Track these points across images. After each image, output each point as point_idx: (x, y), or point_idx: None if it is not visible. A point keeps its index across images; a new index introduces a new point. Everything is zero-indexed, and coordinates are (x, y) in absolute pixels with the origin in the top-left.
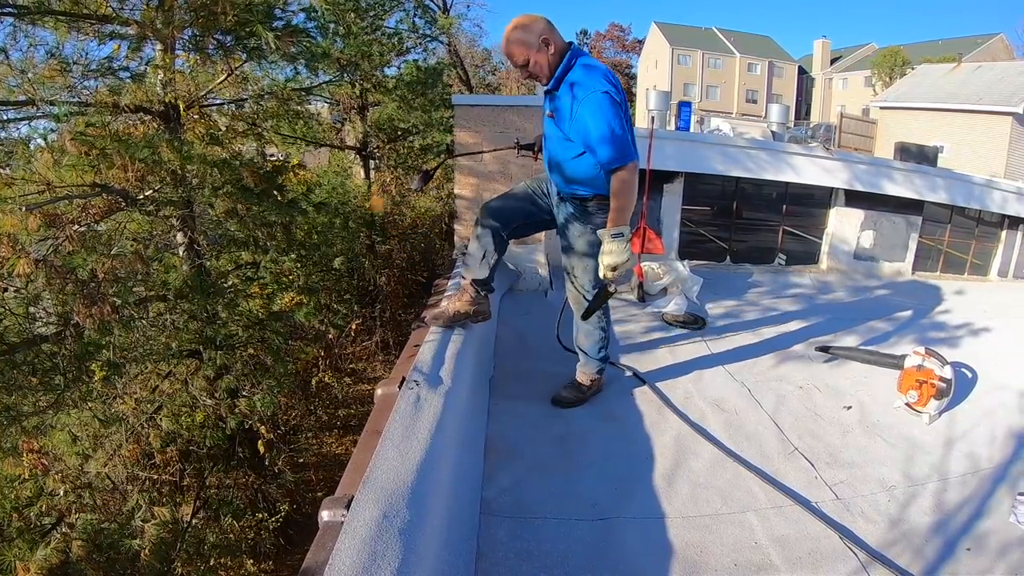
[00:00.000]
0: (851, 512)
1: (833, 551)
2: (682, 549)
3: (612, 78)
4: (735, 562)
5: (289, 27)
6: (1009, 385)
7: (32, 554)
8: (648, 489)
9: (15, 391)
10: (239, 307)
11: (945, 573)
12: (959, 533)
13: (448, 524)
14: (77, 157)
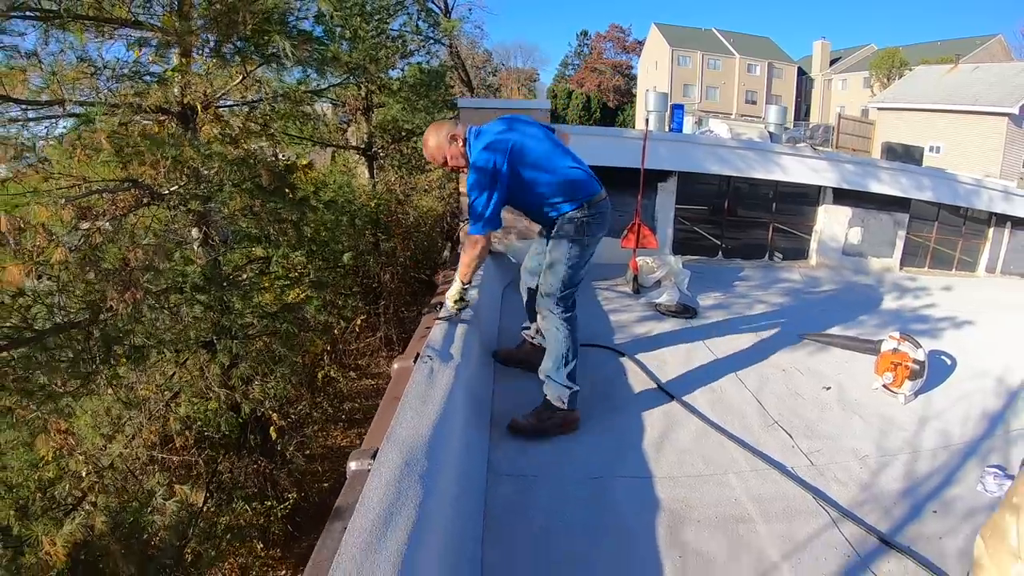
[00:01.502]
0: (824, 477)
1: (806, 508)
2: (668, 504)
3: (491, 141)
4: (716, 515)
5: (304, 34)
6: (988, 372)
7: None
8: (638, 454)
9: (48, 373)
10: (253, 299)
11: (911, 531)
12: (927, 498)
13: (459, 477)
14: (112, 153)
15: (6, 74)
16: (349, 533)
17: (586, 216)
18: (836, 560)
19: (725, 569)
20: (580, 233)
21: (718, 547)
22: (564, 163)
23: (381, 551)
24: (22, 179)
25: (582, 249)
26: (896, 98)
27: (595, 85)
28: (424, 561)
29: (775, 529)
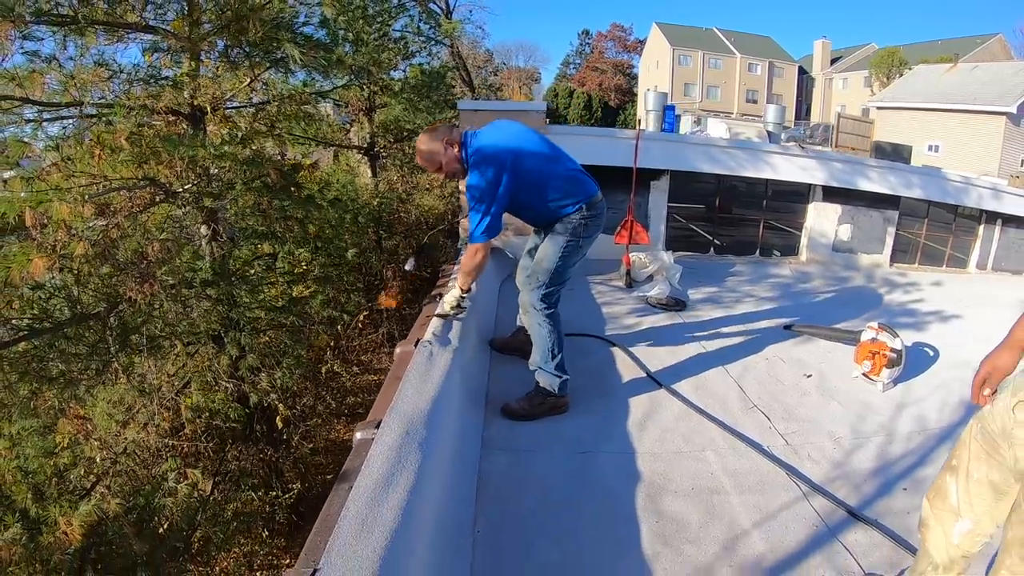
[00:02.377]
0: (798, 455)
1: (779, 483)
2: (649, 476)
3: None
4: (693, 487)
5: (311, 41)
6: (970, 363)
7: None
8: (623, 432)
9: (66, 361)
10: (261, 294)
11: (880, 506)
12: (898, 477)
13: (455, 447)
14: (131, 153)
15: (26, 77)
16: (355, 491)
17: (584, 217)
18: (804, 530)
19: (698, 533)
20: (576, 234)
21: (693, 514)
22: (561, 167)
23: (383, 505)
24: (46, 177)
25: (575, 249)
26: (895, 97)
27: (596, 84)
28: (421, 515)
29: (748, 500)
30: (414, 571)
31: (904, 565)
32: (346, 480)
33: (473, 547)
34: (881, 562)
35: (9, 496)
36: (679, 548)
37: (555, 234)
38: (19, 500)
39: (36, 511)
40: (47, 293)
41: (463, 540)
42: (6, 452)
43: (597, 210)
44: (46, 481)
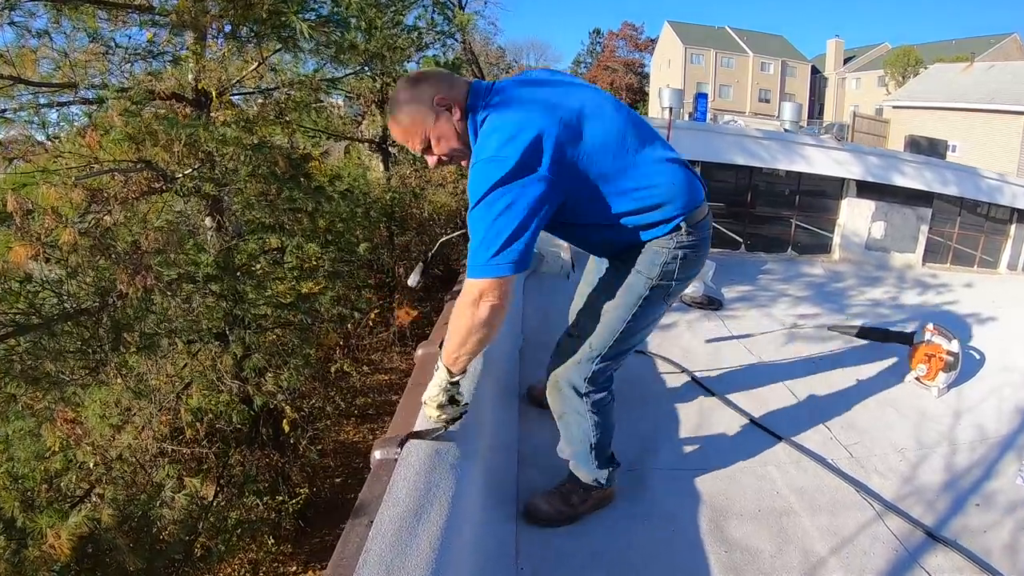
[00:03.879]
0: (865, 469)
1: (850, 501)
2: (708, 496)
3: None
4: (759, 507)
5: (321, 17)
6: (1015, 367)
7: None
8: (672, 446)
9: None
10: (267, 289)
11: (956, 524)
12: (968, 491)
13: (491, 466)
14: (124, 132)
15: (17, 55)
16: (376, 527)
17: (681, 246)
18: (884, 554)
19: (772, 563)
20: (667, 274)
21: (764, 540)
22: (652, 153)
23: (412, 544)
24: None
25: (661, 299)
26: (911, 96)
27: (608, 83)
28: (458, 556)
29: (820, 522)
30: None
31: None
32: (364, 513)
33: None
34: None
35: None
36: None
37: (629, 272)
38: (6, 508)
39: (24, 521)
40: (36, 286)
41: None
42: None
43: (702, 230)
44: (36, 488)
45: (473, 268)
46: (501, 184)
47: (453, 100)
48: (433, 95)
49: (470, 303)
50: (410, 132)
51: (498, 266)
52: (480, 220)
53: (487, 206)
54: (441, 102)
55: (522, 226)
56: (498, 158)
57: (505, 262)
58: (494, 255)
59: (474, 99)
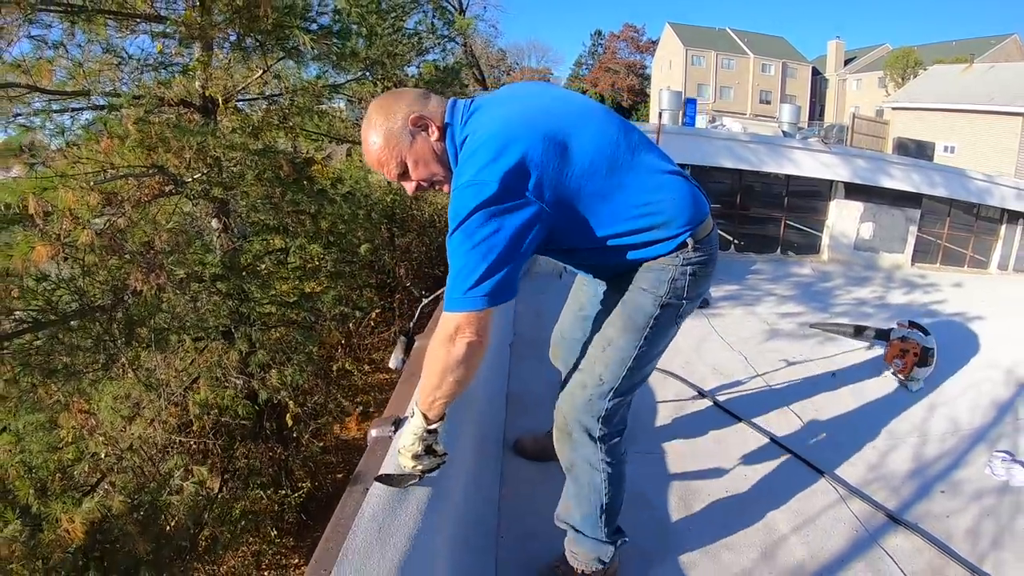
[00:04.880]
0: (834, 457)
1: (815, 486)
2: (681, 479)
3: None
4: (727, 490)
5: (324, 29)
6: (998, 363)
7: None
8: (650, 433)
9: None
10: (272, 288)
11: (919, 509)
12: (935, 479)
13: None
14: (138, 139)
15: (33, 65)
16: (371, 493)
17: (690, 261)
18: (845, 533)
19: (736, 539)
20: (676, 293)
21: (730, 519)
22: (649, 166)
23: (402, 507)
24: (50, 163)
25: (672, 321)
26: (911, 98)
27: (609, 84)
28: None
29: (786, 505)
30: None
31: (947, 572)
32: (360, 481)
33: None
34: (924, 568)
35: (11, 491)
36: (717, 555)
37: (634, 292)
38: (21, 496)
39: (38, 507)
40: (52, 284)
41: (488, 541)
42: (10, 446)
43: (709, 247)
44: (50, 477)
45: (449, 301)
46: (481, 210)
47: (429, 119)
48: (407, 115)
49: (445, 340)
50: (385, 157)
51: (475, 299)
52: (458, 250)
53: (465, 234)
54: (416, 122)
55: (503, 256)
56: (478, 182)
57: (482, 295)
58: (471, 287)
59: (452, 117)
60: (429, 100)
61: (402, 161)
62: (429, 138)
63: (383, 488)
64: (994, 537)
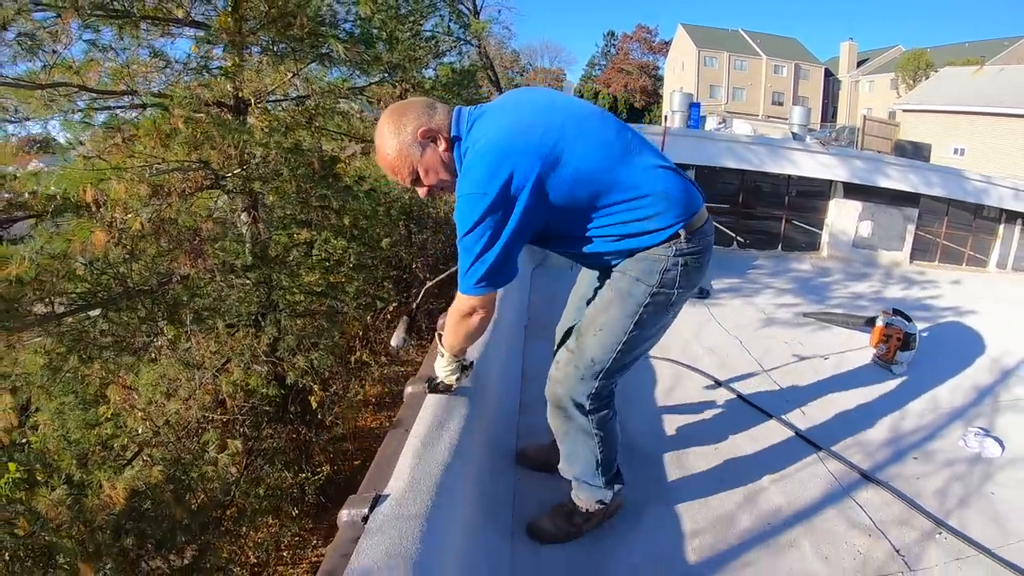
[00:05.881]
0: (814, 424)
1: (797, 448)
2: (674, 438)
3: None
4: (715, 449)
5: (353, 38)
6: (985, 352)
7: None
8: (648, 400)
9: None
10: (300, 278)
11: (891, 471)
12: (909, 447)
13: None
14: (187, 137)
15: (83, 65)
16: (412, 435)
17: (681, 253)
18: (819, 487)
19: (721, 486)
20: (667, 283)
21: (717, 471)
22: (640, 162)
23: (438, 443)
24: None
25: (662, 310)
26: (921, 100)
27: (622, 86)
28: (471, 449)
29: (767, 462)
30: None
31: (912, 522)
32: (401, 425)
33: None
34: (891, 519)
35: (54, 463)
36: (704, 500)
37: (627, 281)
38: (64, 466)
39: (80, 476)
40: (100, 268)
41: (507, 464)
42: (50, 423)
43: (702, 238)
44: (89, 450)
45: (464, 287)
46: (485, 218)
47: (437, 131)
48: (416, 128)
49: (464, 314)
50: (398, 166)
51: (484, 287)
52: (467, 251)
53: (473, 239)
54: (426, 135)
55: (505, 253)
56: (479, 194)
57: (489, 283)
58: (479, 280)
59: (457, 128)
60: (436, 112)
61: (414, 170)
62: (437, 148)
63: (422, 429)
64: (961, 498)
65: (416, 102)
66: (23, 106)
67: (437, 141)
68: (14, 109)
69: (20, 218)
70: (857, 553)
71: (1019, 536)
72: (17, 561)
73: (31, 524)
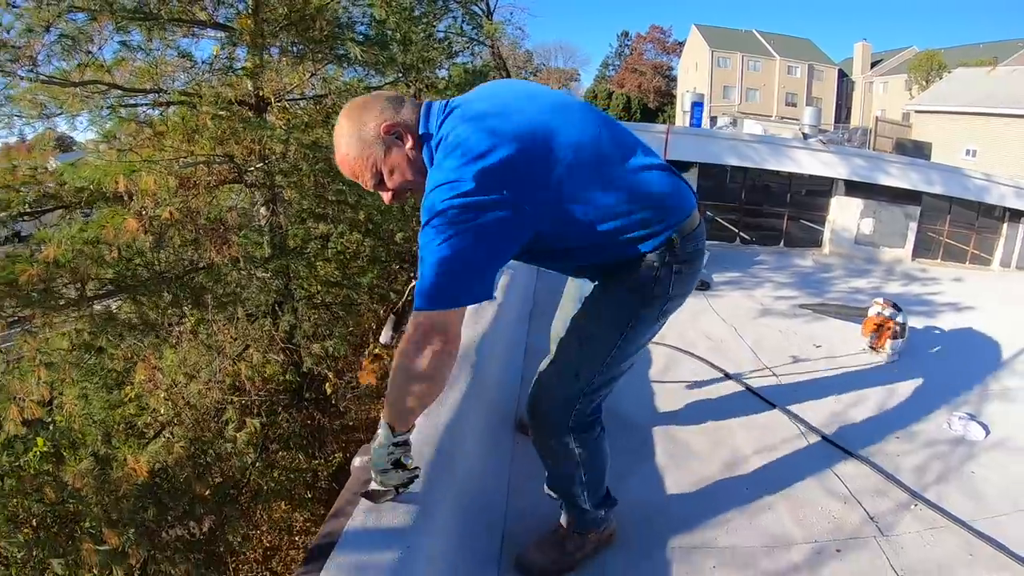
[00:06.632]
0: (801, 405)
1: (781, 423)
2: (664, 413)
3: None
4: (702, 423)
5: (368, 39)
6: (980, 345)
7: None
8: (643, 381)
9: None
10: (317, 269)
11: (872, 448)
12: (892, 426)
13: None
14: (214, 131)
15: (114, 64)
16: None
17: (676, 259)
18: (800, 459)
19: (704, 455)
20: (658, 291)
21: (702, 442)
22: (633, 162)
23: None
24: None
25: (654, 319)
26: (934, 101)
27: (635, 86)
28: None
29: (751, 435)
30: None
31: (889, 494)
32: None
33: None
34: (868, 489)
35: (79, 440)
36: (687, 465)
37: (617, 290)
38: (89, 442)
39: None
40: (129, 254)
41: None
42: (75, 403)
43: (695, 240)
44: (114, 427)
45: (419, 298)
46: (454, 206)
47: (403, 127)
48: (380, 124)
49: (412, 347)
50: (359, 168)
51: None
52: (429, 245)
53: (437, 230)
54: (389, 130)
55: (478, 254)
56: (452, 182)
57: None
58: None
59: (426, 123)
60: (402, 106)
61: (377, 171)
62: (404, 146)
63: None
64: (940, 474)
65: (379, 95)
66: (52, 102)
67: (403, 138)
68: (43, 105)
69: (50, 208)
70: (832, 518)
71: (995, 512)
72: (44, 528)
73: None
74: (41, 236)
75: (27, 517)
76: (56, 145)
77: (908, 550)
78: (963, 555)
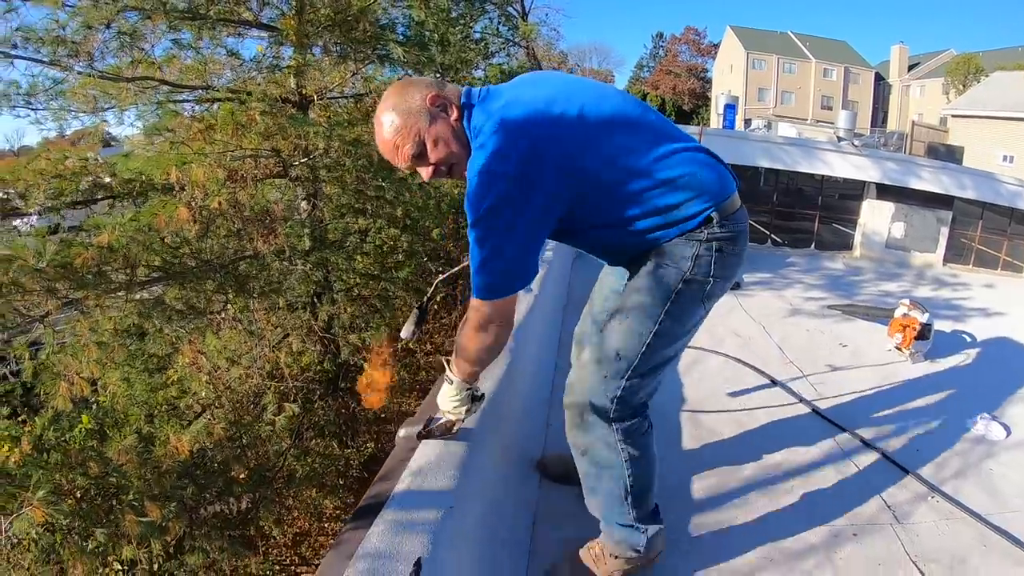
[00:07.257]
0: (824, 399)
1: (803, 415)
2: (692, 401)
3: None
4: (728, 412)
5: (410, 40)
6: (1005, 349)
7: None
8: (672, 374)
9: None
10: (357, 263)
11: (890, 441)
12: (913, 422)
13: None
14: (263, 126)
15: (165, 60)
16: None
17: (715, 236)
18: (820, 449)
19: (730, 441)
20: (702, 269)
21: (727, 429)
22: (669, 144)
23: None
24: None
25: (698, 300)
26: (970, 105)
27: (670, 88)
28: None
29: (774, 425)
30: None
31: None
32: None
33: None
34: (887, 480)
35: (122, 419)
36: (712, 450)
37: (655, 266)
38: (133, 421)
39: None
40: (177, 242)
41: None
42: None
43: (736, 224)
44: (156, 408)
45: (477, 290)
46: (497, 204)
47: (447, 99)
48: (425, 95)
49: (477, 328)
50: (401, 138)
51: (502, 288)
52: (479, 242)
53: (485, 228)
54: (435, 101)
55: (524, 245)
56: (494, 172)
57: (509, 284)
58: (496, 278)
59: (468, 99)
60: (445, 85)
61: (420, 141)
62: (448, 118)
63: None
64: (958, 470)
65: (422, 78)
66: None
67: (448, 110)
68: (95, 99)
69: (102, 198)
70: (850, 504)
71: (1011, 508)
72: (88, 500)
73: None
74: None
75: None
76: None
77: (923, 538)
78: (977, 546)
